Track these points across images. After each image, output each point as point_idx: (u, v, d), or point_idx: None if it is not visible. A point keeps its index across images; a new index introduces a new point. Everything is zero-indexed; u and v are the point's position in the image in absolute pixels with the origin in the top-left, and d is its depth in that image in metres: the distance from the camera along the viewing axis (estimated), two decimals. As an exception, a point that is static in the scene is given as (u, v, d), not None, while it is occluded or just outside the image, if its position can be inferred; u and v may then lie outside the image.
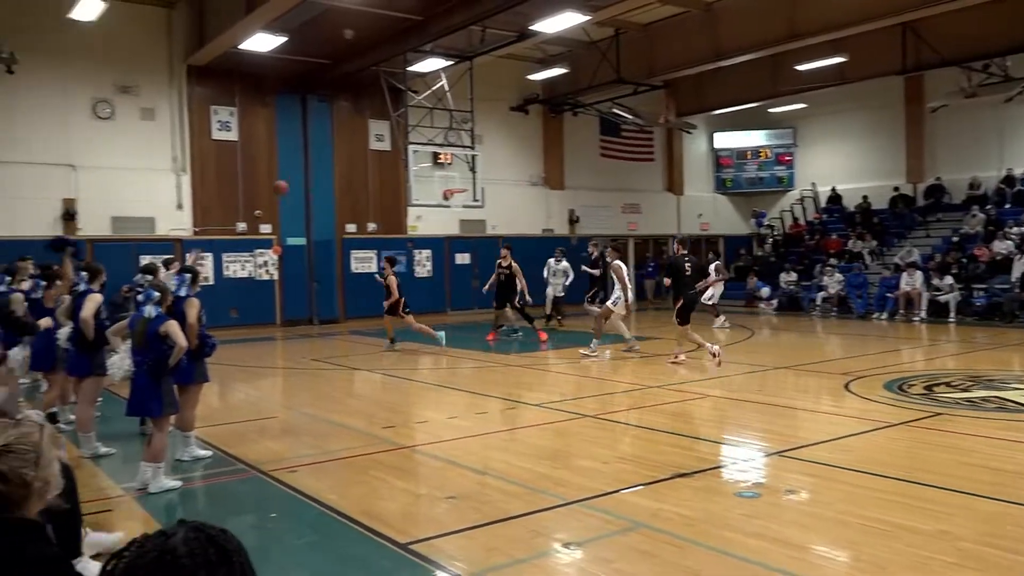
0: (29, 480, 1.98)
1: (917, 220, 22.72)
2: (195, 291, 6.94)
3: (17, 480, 1.97)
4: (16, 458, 1.98)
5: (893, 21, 16.82)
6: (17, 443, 2.01)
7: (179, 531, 1.43)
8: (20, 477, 1.97)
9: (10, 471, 1.96)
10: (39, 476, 2.01)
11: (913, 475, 5.85)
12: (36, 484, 1.99)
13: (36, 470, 2.00)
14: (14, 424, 2.09)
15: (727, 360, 12.17)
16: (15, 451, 1.99)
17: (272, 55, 16.86)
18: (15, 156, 16.06)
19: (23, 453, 2.00)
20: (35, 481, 1.99)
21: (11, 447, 2.00)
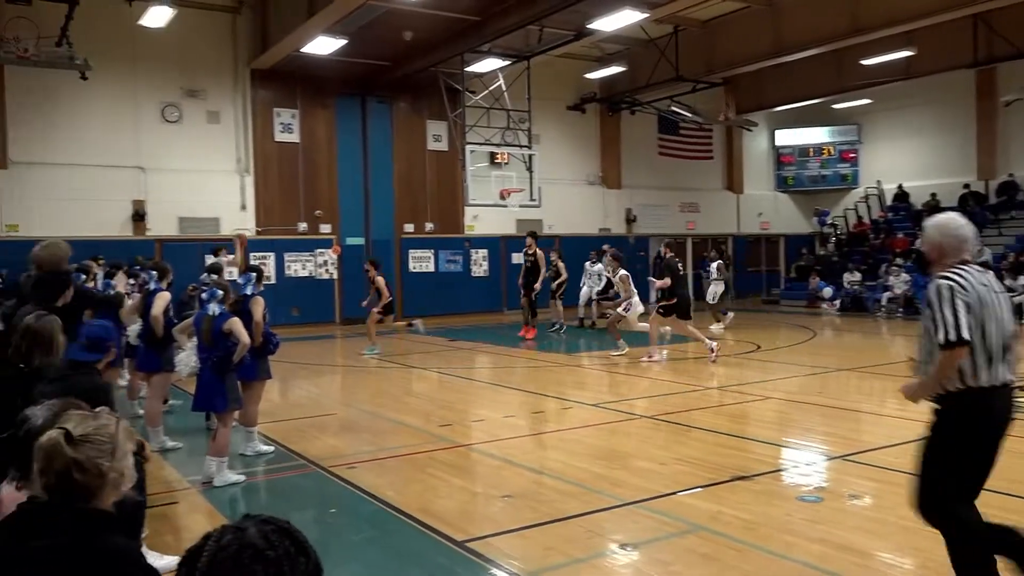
0: (105, 471, 2.02)
1: (989, 218, 21.94)
2: (259, 289, 7.10)
3: (93, 470, 2.01)
4: (93, 448, 2.03)
5: (964, 12, 16.22)
6: (95, 434, 2.05)
7: (249, 525, 1.46)
8: (96, 467, 2.01)
9: (87, 460, 2.00)
10: (114, 467, 2.05)
11: (986, 482, 5.64)
12: (111, 475, 2.03)
13: (112, 461, 2.04)
14: (92, 416, 2.13)
15: (787, 362, 11.95)
16: (92, 441, 2.03)
17: (333, 58, 17.13)
18: (88, 159, 16.64)
19: (100, 444, 2.04)
20: (110, 472, 2.03)
21: (88, 437, 2.04)
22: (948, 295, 3.51)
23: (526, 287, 16.06)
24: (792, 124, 26.99)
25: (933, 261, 3.80)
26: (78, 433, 2.03)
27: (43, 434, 2.06)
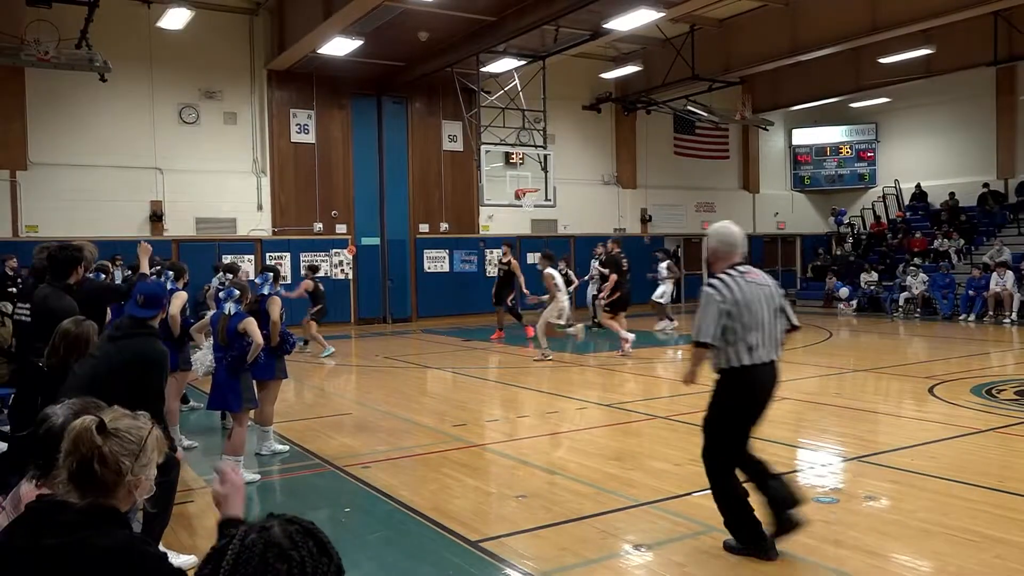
0: (124, 470, 2.00)
1: (1008, 218, 21.72)
2: (276, 289, 7.13)
3: (113, 466, 1.99)
4: (119, 444, 2.01)
5: (984, 10, 16.06)
6: (125, 431, 2.04)
7: (274, 524, 1.47)
8: (117, 463, 1.99)
9: (110, 454, 1.99)
10: (134, 470, 2.02)
11: (1004, 484, 5.60)
12: (128, 477, 2.01)
13: (134, 463, 2.02)
14: (131, 416, 2.12)
15: (803, 362, 11.89)
16: (121, 438, 2.02)
17: (349, 58, 17.20)
18: (106, 160, 16.79)
19: (127, 442, 2.02)
20: (129, 474, 2.01)
21: (119, 432, 2.02)
22: (706, 301, 4.34)
23: (498, 297, 16.18)
24: (809, 123, 26.83)
25: (712, 264, 4.53)
26: (111, 426, 2.02)
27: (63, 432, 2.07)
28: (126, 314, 4.46)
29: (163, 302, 4.45)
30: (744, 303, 4.31)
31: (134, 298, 4.44)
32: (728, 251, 4.48)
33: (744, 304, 4.31)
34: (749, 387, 4.43)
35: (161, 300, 4.46)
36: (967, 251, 21.07)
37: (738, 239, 4.50)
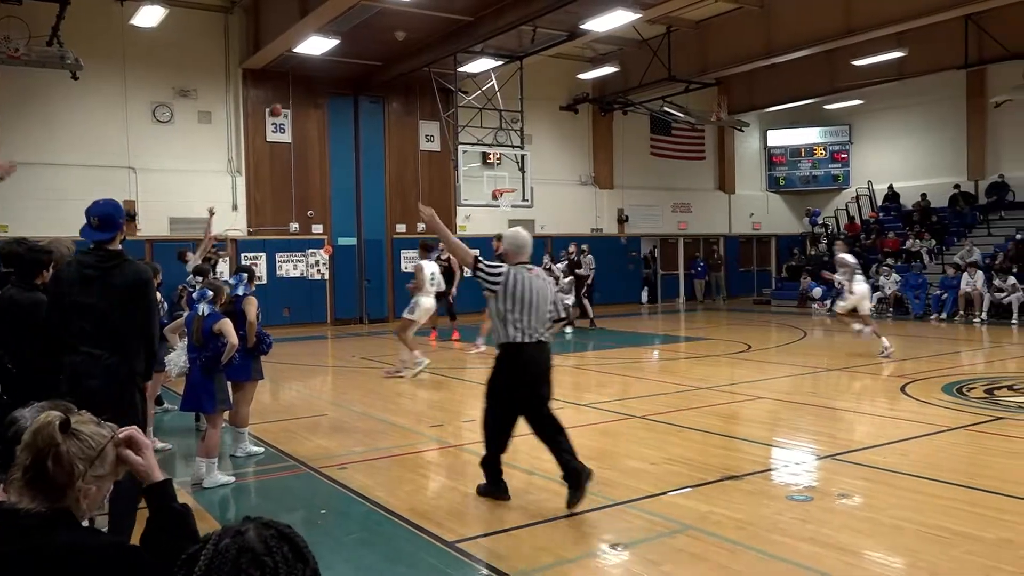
0: (76, 474, 1.93)
1: (978, 218, 22.05)
2: (252, 289, 7.08)
3: (67, 467, 1.92)
4: (77, 446, 1.95)
5: (955, 14, 16.28)
6: (87, 435, 1.97)
7: (250, 528, 1.44)
8: (70, 465, 1.92)
9: (65, 454, 1.92)
10: (86, 476, 1.95)
11: (974, 481, 5.68)
12: (79, 484, 1.93)
13: (87, 468, 1.95)
14: (96, 422, 2.04)
15: (778, 362, 11.99)
16: (81, 440, 1.95)
17: (325, 58, 17.10)
18: (78, 159, 16.57)
19: (86, 446, 1.96)
20: (80, 479, 1.93)
21: (80, 435, 1.96)
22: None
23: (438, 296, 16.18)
24: (784, 124, 27.07)
25: (506, 260, 5.58)
26: (73, 426, 1.96)
27: None
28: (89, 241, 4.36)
29: (119, 222, 4.39)
30: (520, 295, 5.31)
31: (88, 221, 4.33)
32: (516, 252, 5.54)
33: (520, 295, 5.31)
34: (517, 359, 5.38)
35: (116, 220, 4.34)
36: (938, 251, 21.36)
37: (525, 244, 5.58)
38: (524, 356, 5.36)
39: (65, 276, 4.34)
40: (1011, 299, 17.25)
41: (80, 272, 4.30)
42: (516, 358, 5.38)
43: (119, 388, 4.28)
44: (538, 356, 5.41)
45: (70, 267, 4.37)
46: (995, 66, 19.89)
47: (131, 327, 4.31)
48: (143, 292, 4.37)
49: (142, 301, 4.36)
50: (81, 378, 4.20)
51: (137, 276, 4.36)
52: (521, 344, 5.31)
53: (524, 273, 5.40)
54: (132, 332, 4.32)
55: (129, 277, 4.32)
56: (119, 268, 4.31)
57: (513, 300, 5.30)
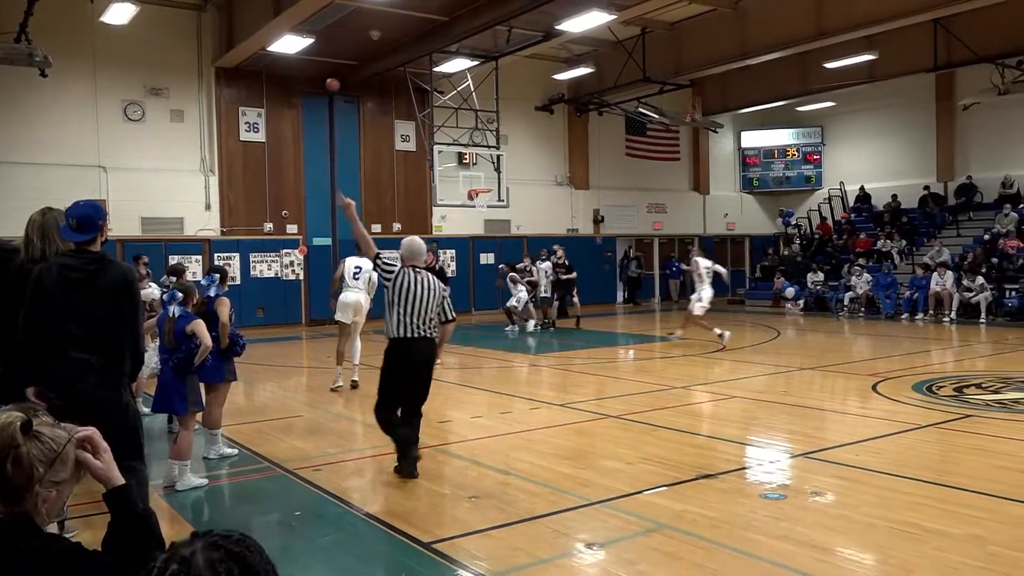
0: (35, 477, 1.88)
1: (947, 219, 22.39)
2: (224, 290, 7.02)
3: (27, 469, 1.87)
4: (37, 448, 1.90)
5: (924, 17, 16.55)
6: (48, 436, 1.92)
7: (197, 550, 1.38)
8: (30, 467, 1.87)
9: (26, 455, 1.87)
10: (44, 481, 1.90)
11: (943, 478, 5.76)
12: (37, 487, 1.89)
13: (47, 471, 1.90)
14: (55, 424, 1.99)
15: (751, 361, 12.08)
16: (42, 442, 1.91)
17: (299, 57, 17.00)
18: (47, 158, 16.33)
19: (46, 447, 1.91)
20: (39, 482, 1.89)
21: (40, 436, 1.91)
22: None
23: None
24: (757, 126, 27.31)
25: (403, 262, 6.31)
26: (36, 428, 1.91)
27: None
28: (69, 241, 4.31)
29: (98, 223, 4.34)
30: (405, 292, 6.08)
31: (67, 223, 4.27)
32: (410, 256, 6.34)
33: (405, 292, 6.07)
34: (394, 352, 6.18)
35: (95, 221, 4.30)
36: (909, 252, 21.66)
37: (419, 250, 6.44)
38: (402, 347, 6.13)
39: (47, 280, 4.24)
40: (979, 299, 17.53)
41: (64, 275, 4.22)
42: (395, 349, 6.18)
43: (112, 391, 4.25)
44: (415, 348, 6.12)
45: (51, 270, 4.25)
46: (963, 69, 20.21)
47: (120, 329, 4.27)
48: (130, 293, 4.33)
49: (129, 302, 4.32)
50: (71, 383, 4.15)
51: (123, 277, 4.32)
52: (400, 338, 6.10)
53: (413, 274, 6.18)
54: (121, 334, 4.28)
55: (116, 279, 4.27)
56: (105, 270, 4.26)
57: (399, 295, 6.09)
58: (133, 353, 4.38)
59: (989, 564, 4.16)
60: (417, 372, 6.20)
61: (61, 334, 4.19)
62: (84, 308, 4.19)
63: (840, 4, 16.78)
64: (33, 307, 4.22)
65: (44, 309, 4.21)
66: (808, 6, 17.34)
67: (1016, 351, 13.14)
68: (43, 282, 4.23)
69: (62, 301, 4.18)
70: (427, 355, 6.20)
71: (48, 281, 4.22)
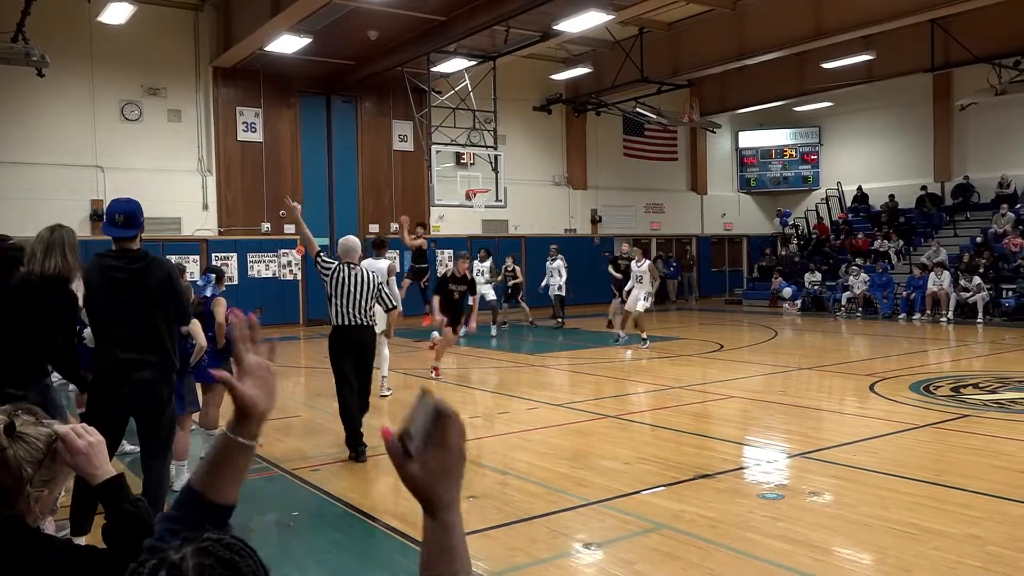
0: (25, 477, 1.87)
1: (945, 219, 22.42)
2: (221, 290, 7.02)
3: (15, 471, 1.85)
4: (24, 449, 1.88)
5: (922, 18, 16.59)
6: (33, 436, 1.90)
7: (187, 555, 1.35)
8: (18, 468, 1.86)
9: (13, 457, 1.86)
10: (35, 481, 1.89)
11: (940, 478, 5.77)
12: (29, 488, 1.87)
13: (36, 471, 1.89)
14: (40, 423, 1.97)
15: (748, 361, 12.09)
16: (28, 443, 1.89)
17: (297, 56, 16.98)
18: (45, 158, 16.31)
19: (33, 448, 1.89)
20: (29, 482, 1.88)
21: (26, 437, 1.89)
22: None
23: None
24: (755, 126, 27.33)
25: (340, 259, 7.19)
26: (20, 429, 1.89)
27: None
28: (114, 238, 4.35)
29: (141, 220, 4.38)
30: (341, 285, 6.90)
31: (112, 219, 4.30)
32: (345, 253, 7.18)
33: (340, 286, 6.89)
34: (335, 339, 6.95)
35: (139, 218, 4.36)
36: (906, 252, 21.68)
37: (353, 248, 7.28)
38: (342, 334, 6.90)
39: (94, 281, 4.26)
40: (976, 299, 17.56)
41: (108, 275, 4.25)
42: (336, 336, 6.95)
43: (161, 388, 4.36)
44: (352, 335, 6.88)
45: (92, 272, 4.31)
46: (960, 70, 20.24)
47: (168, 323, 4.35)
48: (175, 287, 4.41)
49: (176, 296, 4.39)
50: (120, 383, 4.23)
51: (169, 273, 4.39)
52: (339, 326, 6.90)
53: (347, 270, 6.98)
54: (169, 328, 4.37)
55: (162, 275, 4.33)
56: (150, 267, 4.30)
57: (335, 288, 6.90)
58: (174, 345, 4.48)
59: (987, 564, 4.17)
60: (356, 355, 6.93)
61: (109, 334, 4.24)
62: (133, 306, 4.21)
63: (838, 4, 16.80)
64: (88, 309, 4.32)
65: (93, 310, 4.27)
66: (806, 6, 17.35)
67: (1013, 351, 13.16)
68: (89, 285, 4.27)
69: (107, 301, 4.20)
70: (364, 340, 6.97)
71: (93, 283, 4.26)
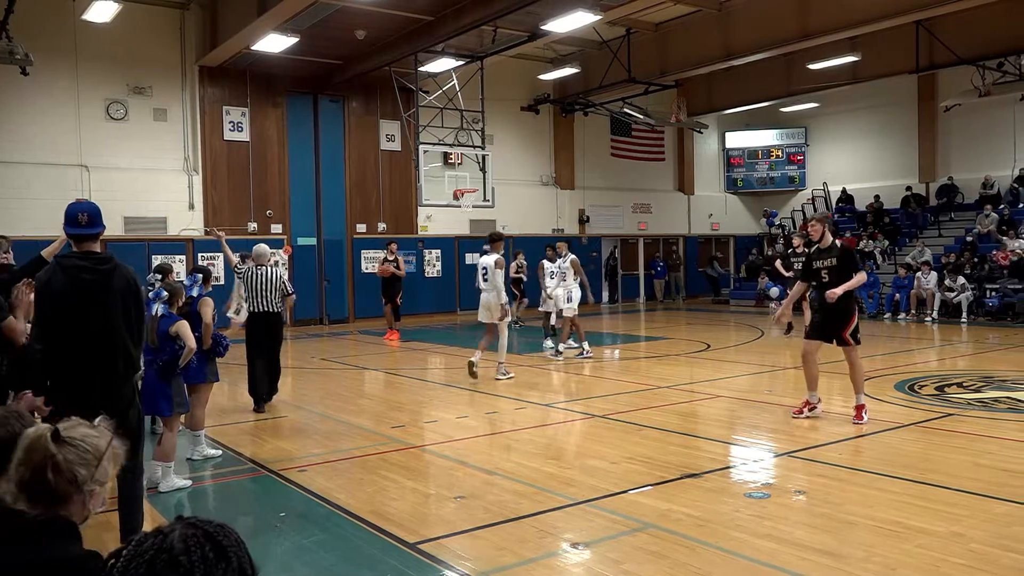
0: (80, 480, 1.93)
1: (929, 220, 22.58)
2: (207, 291, 6.98)
3: (68, 475, 1.92)
4: (74, 453, 1.94)
5: (907, 19, 16.71)
6: (81, 440, 1.96)
7: (176, 528, 1.44)
8: (72, 473, 1.92)
9: (63, 462, 1.91)
10: (89, 480, 1.95)
11: (925, 476, 5.81)
12: (85, 487, 1.94)
13: (89, 472, 1.95)
14: (87, 424, 2.03)
15: (735, 361, 12.12)
16: (77, 447, 1.94)
17: (284, 56, 16.93)
18: (29, 157, 16.18)
19: (83, 452, 1.95)
20: (84, 484, 1.94)
21: (74, 441, 1.95)
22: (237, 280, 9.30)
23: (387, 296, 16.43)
24: (742, 126, 27.45)
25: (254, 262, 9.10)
26: (66, 434, 1.94)
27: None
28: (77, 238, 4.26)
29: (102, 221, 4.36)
30: (251, 283, 8.93)
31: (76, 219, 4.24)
32: (257, 257, 9.08)
33: (251, 283, 8.93)
34: (250, 323, 9.06)
35: (101, 218, 4.35)
36: (891, 252, 21.82)
37: (263, 253, 9.14)
38: (254, 321, 9.01)
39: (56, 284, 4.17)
40: (960, 298, 17.69)
41: (75, 277, 4.17)
42: (250, 321, 9.03)
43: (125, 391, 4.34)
44: (261, 321, 8.99)
45: (56, 274, 4.20)
46: (945, 71, 20.39)
47: (131, 328, 4.32)
48: (138, 292, 4.41)
49: (137, 303, 4.38)
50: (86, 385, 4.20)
51: (133, 278, 4.37)
52: (252, 313, 8.97)
53: (256, 270, 8.96)
54: (132, 333, 4.34)
55: (127, 279, 4.30)
56: (116, 271, 4.27)
57: (248, 286, 8.97)
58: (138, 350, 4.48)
59: (971, 561, 4.20)
60: (267, 335, 9.03)
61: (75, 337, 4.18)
62: (98, 308, 4.18)
63: (824, 6, 16.89)
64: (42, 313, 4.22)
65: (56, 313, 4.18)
66: (792, 7, 17.44)
67: (996, 350, 13.28)
68: (51, 287, 4.17)
69: (74, 304, 4.15)
70: (271, 323, 9.07)
71: (56, 285, 4.16)
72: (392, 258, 16.28)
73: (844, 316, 7.73)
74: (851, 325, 7.73)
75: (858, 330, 7.83)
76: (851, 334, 7.74)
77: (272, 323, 9.07)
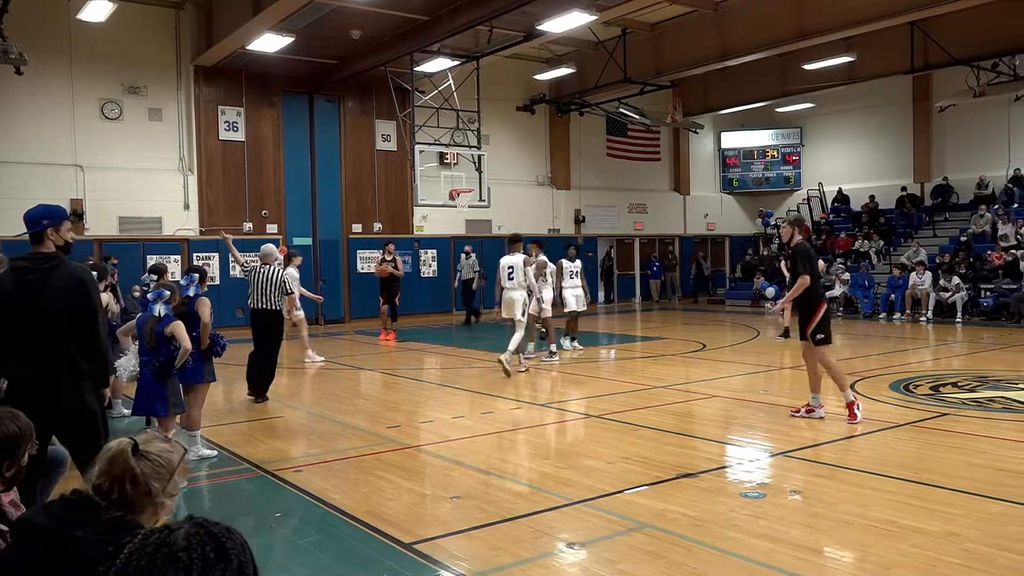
0: (153, 492, 2.04)
1: (924, 220, 22.64)
2: (204, 291, 6.97)
3: (143, 487, 2.03)
4: (150, 467, 2.05)
5: (902, 20, 16.75)
6: (157, 455, 2.08)
7: (183, 526, 1.46)
8: (147, 485, 2.04)
9: (140, 475, 2.03)
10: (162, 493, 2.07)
11: (920, 476, 5.82)
12: (157, 499, 2.05)
13: (161, 485, 2.06)
14: (164, 439, 2.16)
15: (730, 360, 12.13)
16: (152, 461, 2.06)
17: (279, 55, 16.90)
18: (23, 157, 16.14)
19: (158, 466, 2.07)
20: (157, 496, 2.05)
21: (150, 456, 2.06)
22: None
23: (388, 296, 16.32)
24: (737, 127, 27.48)
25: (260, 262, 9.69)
26: (143, 448, 2.07)
27: None
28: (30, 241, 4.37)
29: (43, 222, 4.36)
30: (254, 278, 9.51)
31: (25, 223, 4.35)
32: (263, 258, 9.67)
33: (255, 280, 9.47)
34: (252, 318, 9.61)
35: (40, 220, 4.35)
36: (886, 252, 21.87)
37: (270, 253, 9.74)
38: (255, 314, 9.54)
39: (7, 286, 4.29)
40: (955, 298, 17.74)
41: (20, 278, 4.26)
42: (252, 316, 9.59)
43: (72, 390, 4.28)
44: (261, 317, 9.54)
45: (6, 275, 4.34)
46: (940, 71, 20.44)
47: (76, 328, 4.28)
48: (84, 292, 4.33)
49: (85, 301, 4.32)
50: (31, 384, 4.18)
51: (74, 276, 4.33)
52: (253, 309, 9.54)
53: (261, 268, 9.53)
54: (78, 333, 4.29)
55: (66, 278, 4.29)
56: (56, 269, 4.28)
57: (252, 283, 9.53)
58: (97, 354, 4.38)
59: (965, 560, 4.21)
60: (265, 330, 9.57)
61: (20, 336, 4.22)
62: (41, 308, 4.21)
63: (819, 6, 16.92)
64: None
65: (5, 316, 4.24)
66: (788, 8, 17.46)
67: (991, 350, 13.31)
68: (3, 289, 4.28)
69: (18, 303, 4.22)
70: (269, 319, 9.55)
71: (8, 287, 4.27)
72: (390, 258, 16.26)
73: (806, 314, 7.71)
74: (811, 323, 7.69)
75: (822, 329, 7.72)
76: (812, 333, 7.67)
77: (271, 320, 9.49)
